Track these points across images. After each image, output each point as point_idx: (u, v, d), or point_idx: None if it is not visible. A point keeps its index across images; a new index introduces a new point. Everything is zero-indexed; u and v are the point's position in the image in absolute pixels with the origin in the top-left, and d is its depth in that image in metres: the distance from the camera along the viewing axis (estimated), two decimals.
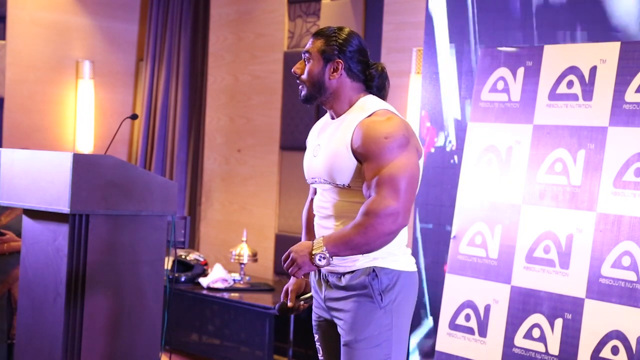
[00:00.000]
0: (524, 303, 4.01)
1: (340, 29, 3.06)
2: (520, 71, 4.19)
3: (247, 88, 6.80)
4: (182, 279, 6.01)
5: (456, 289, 4.26)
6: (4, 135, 6.86)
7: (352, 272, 3.01)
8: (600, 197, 3.81)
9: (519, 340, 4.01)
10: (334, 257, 2.91)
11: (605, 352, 3.71)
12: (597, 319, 3.75)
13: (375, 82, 3.07)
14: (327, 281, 3.09)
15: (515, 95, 4.20)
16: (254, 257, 6.05)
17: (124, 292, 3.94)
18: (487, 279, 4.16)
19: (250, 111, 6.78)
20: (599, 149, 3.84)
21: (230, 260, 6.08)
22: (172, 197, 4.01)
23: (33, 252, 4.03)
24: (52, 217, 3.92)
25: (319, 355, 3.24)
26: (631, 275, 3.67)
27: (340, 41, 3.02)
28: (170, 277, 4.38)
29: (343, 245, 2.88)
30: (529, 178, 4.07)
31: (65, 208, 3.76)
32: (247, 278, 6.10)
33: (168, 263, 4.41)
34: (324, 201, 3.07)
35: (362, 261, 2.99)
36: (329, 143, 3.02)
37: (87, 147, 7.17)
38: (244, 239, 6.06)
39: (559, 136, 4.00)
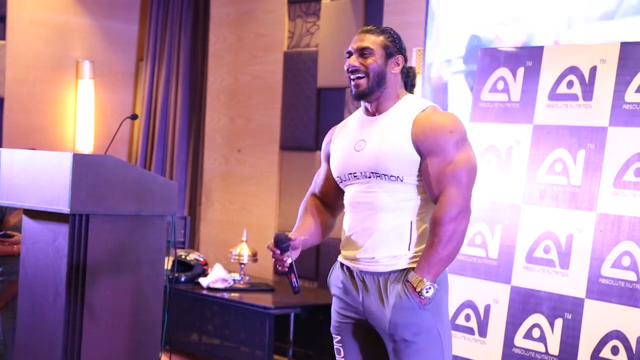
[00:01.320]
0: (524, 303, 4.01)
1: (390, 27, 3.17)
2: (520, 71, 4.19)
3: (247, 88, 6.80)
4: (182, 279, 6.01)
5: (456, 289, 4.26)
6: (4, 135, 6.86)
7: (392, 272, 3.04)
8: (600, 197, 3.81)
9: (519, 340, 4.01)
10: (375, 258, 3.02)
11: (605, 352, 3.71)
12: (597, 319, 3.75)
13: (409, 82, 3.18)
14: (363, 281, 3.08)
15: (515, 95, 4.19)
16: (254, 257, 6.04)
17: (124, 292, 3.94)
18: (487, 279, 4.15)
19: (250, 111, 6.78)
20: (599, 149, 3.84)
21: (230, 260, 6.08)
22: (172, 197, 4.01)
23: (33, 252, 4.03)
24: (52, 217, 3.92)
25: (339, 357, 3.21)
26: (631, 275, 3.67)
27: (397, 37, 3.13)
28: (170, 277, 4.38)
29: (438, 266, 2.98)
30: (529, 178, 4.07)
31: (65, 208, 3.76)
32: (247, 278, 6.10)
33: (168, 263, 4.41)
34: (366, 196, 3.07)
35: (402, 262, 3.03)
36: (382, 137, 3.05)
37: (87, 147, 7.17)
38: (244, 239, 6.06)
39: (559, 136, 3.99)
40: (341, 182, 3.17)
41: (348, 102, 6.04)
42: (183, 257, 6.14)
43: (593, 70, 3.92)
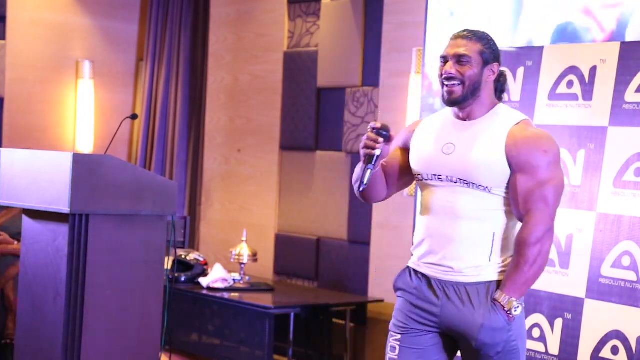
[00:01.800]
0: (524, 303, 4.01)
1: (486, 33, 3.12)
2: (520, 71, 4.19)
3: (247, 88, 6.80)
4: (182, 279, 6.01)
5: None
6: (4, 135, 6.86)
7: (475, 283, 3.04)
8: (600, 197, 3.81)
9: None
10: (456, 268, 3.03)
11: (605, 352, 3.71)
12: (597, 319, 3.75)
13: (499, 87, 3.15)
14: (444, 291, 3.07)
15: (515, 95, 4.19)
16: (254, 257, 6.04)
17: (124, 292, 3.94)
18: None
19: (250, 111, 6.78)
20: (599, 149, 3.84)
21: (230, 260, 6.08)
22: (172, 197, 4.00)
23: (33, 252, 4.03)
24: (52, 217, 3.91)
25: (392, 354, 3.16)
26: (631, 275, 3.67)
27: (493, 44, 3.09)
28: (170, 277, 4.37)
29: (525, 286, 3.03)
30: None
31: (65, 208, 3.76)
32: (247, 278, 6.10)
33: (168, 263, 4.41)
34: (449, 201, 3.05)
35: (485, 273, 3.04)
36: (474, 145, 3.03)
37: (87, 147, 7.17)
38: (244, 239, 6.06)
39: (559, 136, 3.99)
40: (421, 180, 3.14)
41: (348, 102, 6.05)
42: (183, 257, 6.14)
43: (593, 70, 3.92)
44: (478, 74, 3.04)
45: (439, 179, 3.07)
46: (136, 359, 3.98)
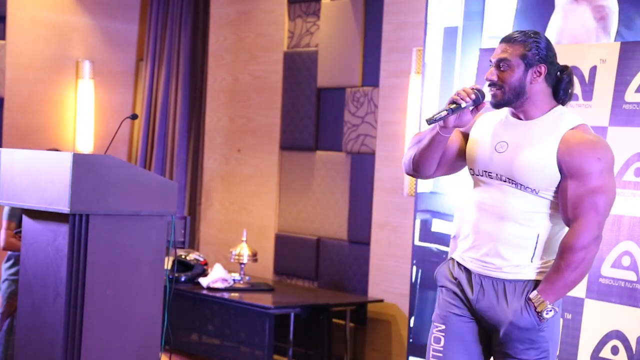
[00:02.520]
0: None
1: (535, 32, 3.07)
2: None
3: (247, 88, 6.80)
4: (182, 279, 6.01)
5: None
6: (4, 135, 6.86)
7: (514, 280, 3.05)
8: None
9: None
10: (497, 265, 3.04)
11: (605, 352, 3.71)
12: (597, 319, 3.75)
13: (563, 85, 3.09)
14: (481, 285, 3.10)
15: None
16: (254, 257, 6.04)
17: (124, 292, 3.94)
18: None
19: (250, 111, 6.78)
20: None
21: (230, 260, 6.08)
22: (172, 197, 4.00)
23: (33, 252, 4.03)
24: (52, 217, 3.92)
25: (437, 345, 3.19)
26: (631, 275, 3.67)
27: (540, 45, 3.04)
28: (170, 277, 4.38)
29: (563, 291, 3.00)
30: None
31: (65, 208, 3.76)
32: (247, 278, 6.10)
33: (168, 263, 4.41)
34: (496, 199, 3.07)
35: (525, 271, 3.05)
36: (527, 145, 3.02)
37: (87, 147, 7.17)
38: (244, 239, 6.06)
39: None
40: (474, 174, 3.16)
41: (348, 102, 6.05)
42: (183, 257, 6.14)
43: (593, 70, 3.92)
44: (519, 77, 3.02)
45: (489, 176, 3.09)
46: (136, 359, 3.98)
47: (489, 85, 3.07)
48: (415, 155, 3.19)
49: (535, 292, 3.01)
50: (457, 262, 3.18)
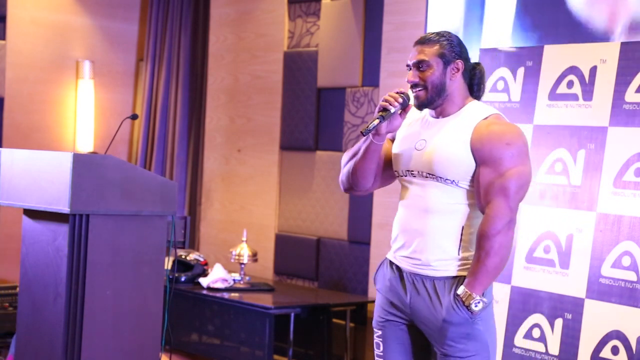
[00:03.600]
0: (524, 303, 4.01)
1: (447, 32, 3.18)
2: (521, 71, 4.19)
3: (247, 88, 6.80)
4: (182, 279, 6.01)
5: None
6: (4, 135, 6.86)
7: (442, 278, 3.09)
8: (600, 197, 3.81)
9: (519, 340, 4.01)
10: (424, 260, 3.08)
11: (605, 352, 3.71)
12: (597, 319, 3.75)
13: (476, 80, 3.19)
14: (413, 284, 3.14)
15: (515, 95, 4.19)
16: (254, 257, 6.04)
17: (124, 292, 3.94)
18: None
19: (250, 111, 6.78)
20: (599, 149, 3.84)
21: (230, 260, 6.08)
22: (172, 197, 4.00)
23: (33, 252, 4.03)
24: (52, 217, 3.91)
25: (377, 351, 3.26)
26: (631, 275, 3.67)
27: (454, 42, 3.14)
28: (170, 277, 4.37)
29: (486, 279, 3.02)
30: None
31: (65, 208, 3.76)
32: (247, 278, 6.10)
33: (168, 263, 4.40)
34: (420, 195, 3.13)
35: (452, 267, 3.09)
36: (442, 139, 3.10)
37: (87, 147, 7.17)
38: (244, 239, 6.06)
39: (559, 136, 4.00)
40: (398, 176, 3.23)
41: (348, 102, 6.05)
42: (183, 257, 6.14)
43: (593, 70, 3.92)
44: (440, 75, 3.13)
45: (412, 174, 3.16)
46: (136, 359, 3.98)
47: (412, 87, 3.16)
48: (352, 170, 3.27)
49: (462, 286, 3.04)
50: (390, 261, 3.24)
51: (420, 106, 3.17)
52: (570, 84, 4.01)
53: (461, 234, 3.08)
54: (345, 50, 6.06)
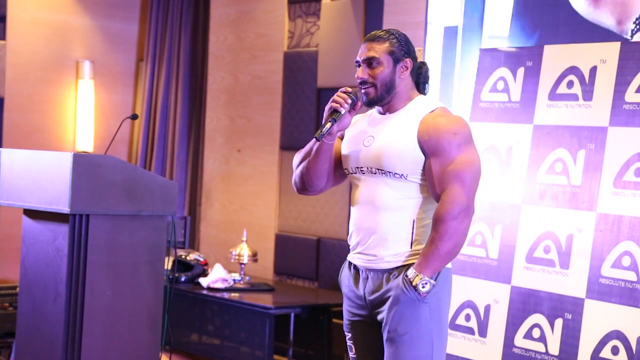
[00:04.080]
0: (524, 303, 4.01)
1: (396, 30, 3.20)
2: (520, 71, 4.19)
3: (247, 88, 6.80)
4: (182, 279, 6.01)
5: (456, 289, 4.26)
6: (4, 135, 6.86)
7: (396, 268, 3.09)
8: (600, 197, 3.81)
9: (519, 340, 4.01)
10: (378, 256, 3.09)
11: (605, 352, 3.71)
12: (597, 319, 3.75)
13: (422, 78, 3.23)
14: (367, 278, 3.15)
15: (515, 95, 4.19)
16: (254, 257, 6.04)
17: (124, 292, 3.94)
18: (487, 279, 4.16)
19: (250, 111, 6.78)
20: (599, 149, 3.84)
21: (230, 260, 6.08)
22: (172, 197, 4.01)
23: (33, 252, 4.03)
24: (52, 217, 3.92)
25: (351, 353, 3.28)
26: (631, 275, 3.67)
27: (403, 41, 3.17)
28: (170, 277, 4.38)
29: (437, 262, 3.02)
30: (529, 178, 4.07)
31: (65, 208, 3.76)
32: (247, 278, 6.10)
33: (168, 263, 4.41)
34: (370, 192, 3.14)
35: (404, 258, 3.09)
36: (390, 134, 3.12)
37: (87, 147, 7.16)
38: (244, 239, 6.06)
39: (559, 136, 4.00)
40: (349, 174, 3.24)
41: None
42: (183, 257, 6.14)
43: (593, 70, 3.92)
44: (390, 73, 3.15)
45: (361, 171, 3.18)
46: (136, 359, 3.98)
47: (361, 84, 3.16)
48: (305, 171, 3.28)
49: (411, 268, 3.04)
50: (350, 262, 3.25)
51: (369, 103, 3.18)
52: (570, 84, 4.01)
53: (413, 228, 3.09)
54: (345, 50, 6.06)
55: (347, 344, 3.29)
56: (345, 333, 3.28)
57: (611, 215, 3.76)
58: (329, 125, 3.13)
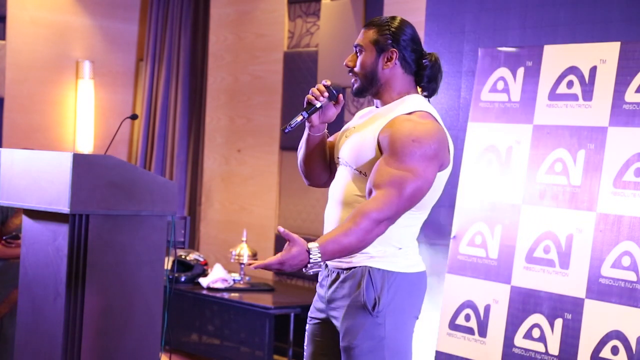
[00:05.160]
0: (523, 303, 4.01)
1: (393, 18, 2.99)
2: (520, 71, 4.19)
3: (247, 88, 6.80)
4: (182, 279, 6.01)
5: (456, 289, 4.26)
6: (4, 135, 6.86)
7: (349, 269, 2.94)
8: (600, 197, 3.81)
9: (519, 341, 4.01)
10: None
11: (605, 352, 3.71)
12: (597, 319, 3.75)
13: (427, 71, 2.97)
14: (329, 277, 3.01)
15: (515, 95, 4.19)
16: (254, 257, 6.05)
17: (124, 292, 3.94)
18: (487, 279, 4.15)
19: (250, 111, 6.78)
20: (599, 149, 3.84)
21: (230, 260, 6.08)
22: (172, 197, 4.00)
23: (33, 252, 4.03)
24: (52, 217, 3.91)
25: (305, 344, 3.17)
26: (631, 275, 3.67)
27: (394, 30, 2.95)
28: (170, 277, 4.37)
29: (335, 246, 2.77)
30: (529, 178, 4.07)
31: (65, 208, 3.76)
32: (247, 278, 6.10)
33: (168, 263, 4.41)
34: (337, 185, 3.00)
35: (358, 258, 2.91)
36: (363, 128, 2.96)
37: (87, 147, 7.17)
38: (244, 239, 6.06)
39: (559, 136, 3.99)
40: (337, 164, 3.10)
41: (348, 102, 6.04)
42: (183, 257, 6.14)
43: (593, 70, 3.92)
44: (371, 63, 2.96)
45: (338, 161, 3.04)
46: (136, 359, 3.98)
47: (349, 72, 3.02)
48: (300, 163, 3.18)
49: (315, 242, 2.79)
50: None
51: (355, 93, 3.00)
52: (570, 84, 4.00)
53: None
54: (345, 50, 6.05)
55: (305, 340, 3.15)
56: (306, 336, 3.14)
57: (611, 215, 3.76)
58: (299, 118, 2.99)
